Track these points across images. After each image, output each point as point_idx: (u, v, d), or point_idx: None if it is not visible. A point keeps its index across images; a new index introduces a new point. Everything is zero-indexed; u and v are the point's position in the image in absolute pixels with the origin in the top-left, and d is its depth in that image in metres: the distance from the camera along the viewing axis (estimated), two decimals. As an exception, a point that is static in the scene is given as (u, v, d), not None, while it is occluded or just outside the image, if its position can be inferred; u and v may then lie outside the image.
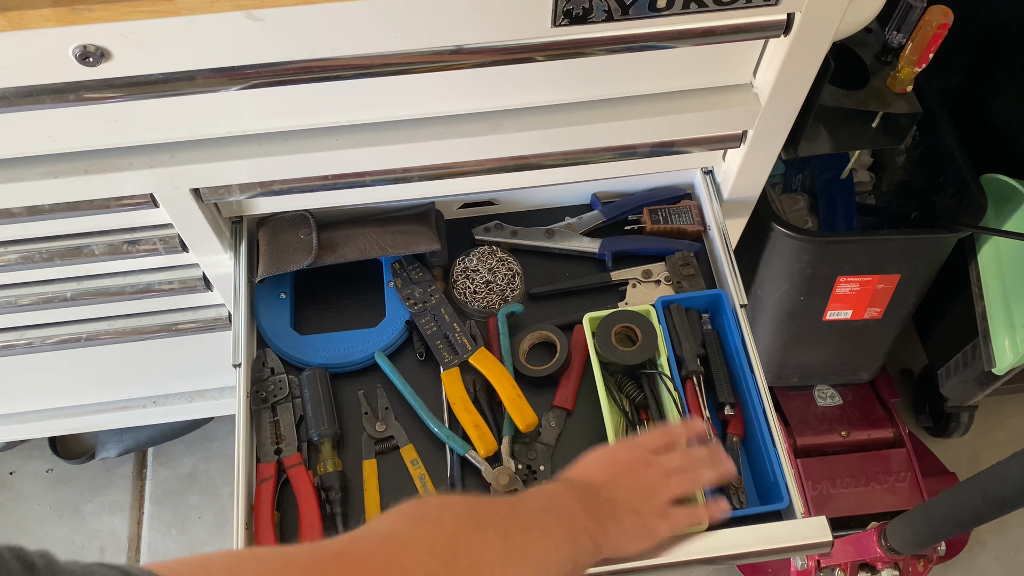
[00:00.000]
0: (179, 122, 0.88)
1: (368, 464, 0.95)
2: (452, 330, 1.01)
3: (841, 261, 1.32)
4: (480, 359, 0.99)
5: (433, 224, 1.08)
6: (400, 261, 1.07)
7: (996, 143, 1.42)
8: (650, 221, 1.10)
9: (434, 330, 1.02)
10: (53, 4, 0.69)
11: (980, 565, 1.66)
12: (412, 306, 1.03)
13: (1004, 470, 1.02)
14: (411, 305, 1.04)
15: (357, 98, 0.89)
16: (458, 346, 1.00)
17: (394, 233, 1.05)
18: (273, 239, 1.04)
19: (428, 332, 1.02)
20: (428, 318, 1.03)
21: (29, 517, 1.72)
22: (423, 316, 1.03)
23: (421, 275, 1.06)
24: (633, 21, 0.81)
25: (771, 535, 0.84)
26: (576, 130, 0.95)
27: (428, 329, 1.02)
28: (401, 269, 1.07)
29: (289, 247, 1.03)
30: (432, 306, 1.03)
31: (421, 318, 1.03)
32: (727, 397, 0.97)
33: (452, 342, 1.01)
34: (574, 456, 0.95)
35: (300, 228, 1.04)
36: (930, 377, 1.64)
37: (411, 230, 1.06)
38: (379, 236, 1.05)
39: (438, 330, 1.02)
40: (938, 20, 0.99)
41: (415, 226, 1.06)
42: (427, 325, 1.02)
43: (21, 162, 0.89)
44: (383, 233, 1.05)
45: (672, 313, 1.00)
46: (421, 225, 1.07)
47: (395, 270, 1.07)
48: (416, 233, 1.05)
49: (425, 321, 1.02)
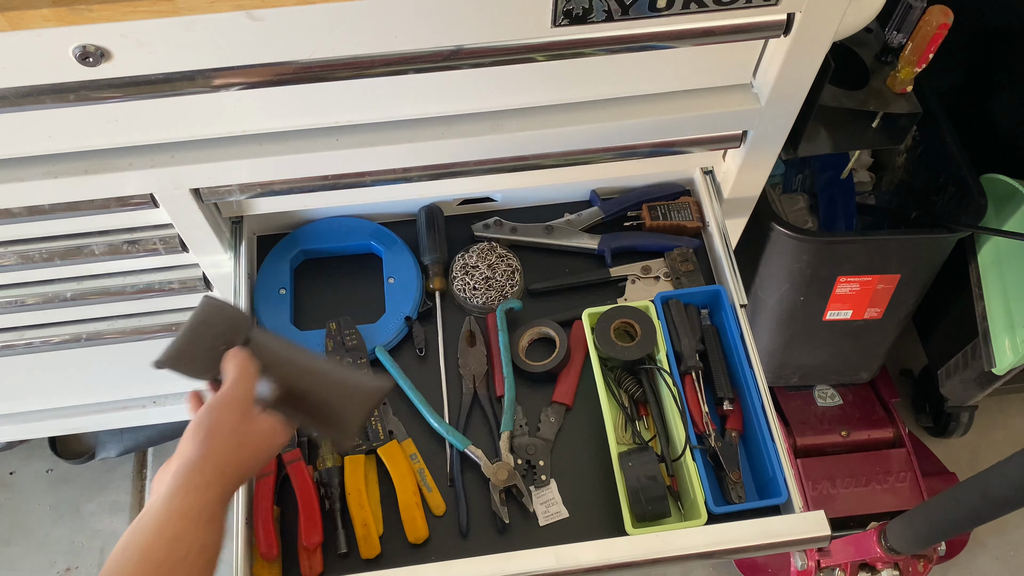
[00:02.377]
0: (179, 122, 0.88)
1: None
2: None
3: (841, 261, 1.32)
4: (389, 452, 0.94)
5: (365, 409, 0.79)
6: (337, 322, 1.01)
7: (996, 143, 1.42)
8: (649, 217, 1.10)
9: None
10: (53, 4, 0.69)
11: (980, 565, 1.66)
12: None
13: (1004, 470, 1.02)
14: None
15: (357, 98, 0.89)
16: (371, 431, 0.95)
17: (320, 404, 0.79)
18: (199, 327, 0.76)
19: None
20: None
21: (29, 517, 1.72)
22: None
23: (356, 343, 1.00)
24: (633, 21, 0.81)
25: (770, 529, 0.84)
26: (576, 130, 0.95)
27: None
28: (337, 331, 1.00)
29: (205, 348, 0.76)
30: None
31: None
32: (726, 392, 0.97)
33: (366, 426, 0.95)
34: (573, 451, 0.96)
35: (228, 336, 0.75)
36: (930, 377, 1.64)
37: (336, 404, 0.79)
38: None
39: None
40: (938, 20, 0.99)
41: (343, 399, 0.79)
42: None
43: (21, 162, 0.89)
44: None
45: (671, 309, 1.00)
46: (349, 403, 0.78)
47: (330, 331, 1.00)
48: (339, 411, 0.78)
49: None
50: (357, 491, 0.92)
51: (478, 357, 1.02)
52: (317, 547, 0.89)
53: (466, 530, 0.92)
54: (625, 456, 0.91)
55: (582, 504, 0.93)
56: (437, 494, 0.93)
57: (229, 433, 0.70)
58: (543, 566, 0.82)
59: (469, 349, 1.03)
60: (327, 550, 0.90)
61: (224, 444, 0.70)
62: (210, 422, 0.70)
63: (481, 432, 0.98)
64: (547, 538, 0.91)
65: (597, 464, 0.95)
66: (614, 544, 0.84)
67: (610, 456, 0.91)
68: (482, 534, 0.92)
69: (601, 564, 0.83)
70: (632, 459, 0.90)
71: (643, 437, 0.96)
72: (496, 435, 0.96)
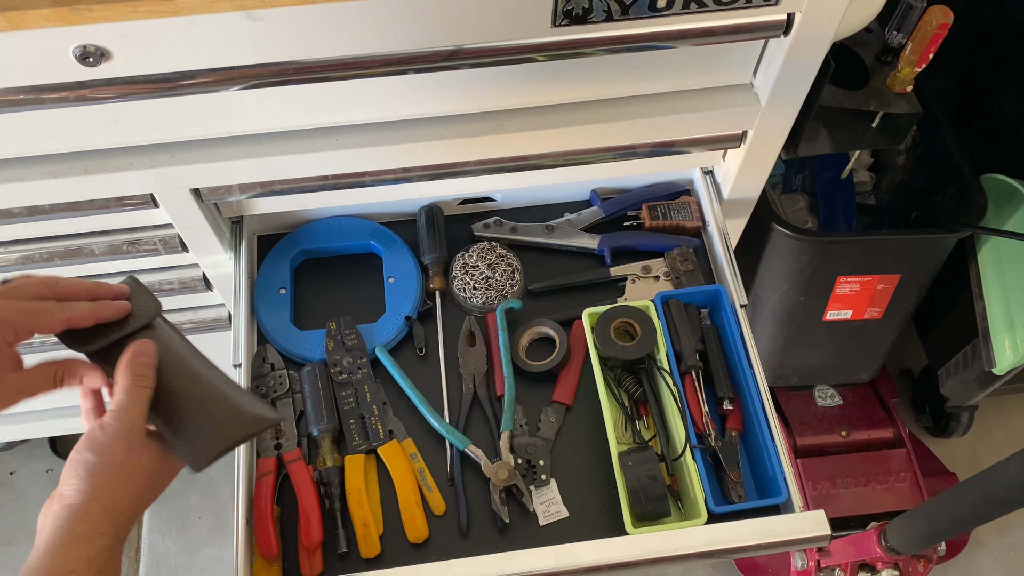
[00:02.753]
0: (179, 122, 0.88)
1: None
2: (370, 412, 0.95)
3: (841, 261, 1.32)
4: (389, 452, 0.94)
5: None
6: (337, 321, 1.00)
7: (996, 143, 1.42)
8: (649, 217, 1.11)
9: (351, 407, 0.95)
10: (53, 4, 0.69)
11: (980, 565, 1.66)
12: (337, 374, 0.97)
13: (1004, 470, 1.02)
14: (336, 373, 0.97)
15: (357, 98, 0.89)
16: (371, 431, 0.95)
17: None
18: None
19: (344, 408, 0.95)
20: (349, 391, 0.96)
21: (29, 517, 1.72)
22: (345, 388, 0.96)
23: (356, 343, 0.99)
24: (633, 21, 0.81)
25: (770, 529, 0.84)
26: (576, 130, 0.95)
27: (345, 404, 0.95)
28: (337, 330, 1.00)
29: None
30: (357, 380, 0.97)
31: (342, 390, 0.96)
32: (726, 392, 0.97)
33: (366, 425, 0.95)
34: (573, 451, 0.96)
35: (136, 312, 0.73)
36: (930, 377, 1.64)
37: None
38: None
39: (355, 408, 0.95)
40: (938, 20, 0.99)
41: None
42: (346, 399, 0.96)
43: (21, 162, 0.89)
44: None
45: (671, 308, 1.00)
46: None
47: (330, 331, 1.00)
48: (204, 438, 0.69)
49: (345, 395, 0.96)
50: (357, 490, 0.92)
51: (478, 357, 1.02)
52: (317, 547, 0.89)
53: (466, 530, 0.92)
54: (625, 456, 0.91)
55: (582, 503, 0.93)
56: (437, 494, 0.93)
57: (116, 468, 0.62)
58: (543, 565, 0.82)
59: (469, 349, 1.03)
60: (327, 549, 0.90)
61: (111, 483, 0.61)
62: (94, 459, 0.61)
63: (481, 432, 0.98)
64: (547, 537, 0.91)
65: (597, 464, 0.95)
66: (614, 543, 0.84)
67: (610, 456, 0.91)
68: (482, 534, 0.92)
69: (601, 563, 0.83)
70: (632, 459, 0.90)
71: (643, 437, 0.96)
72: (496, 435, 0.96)
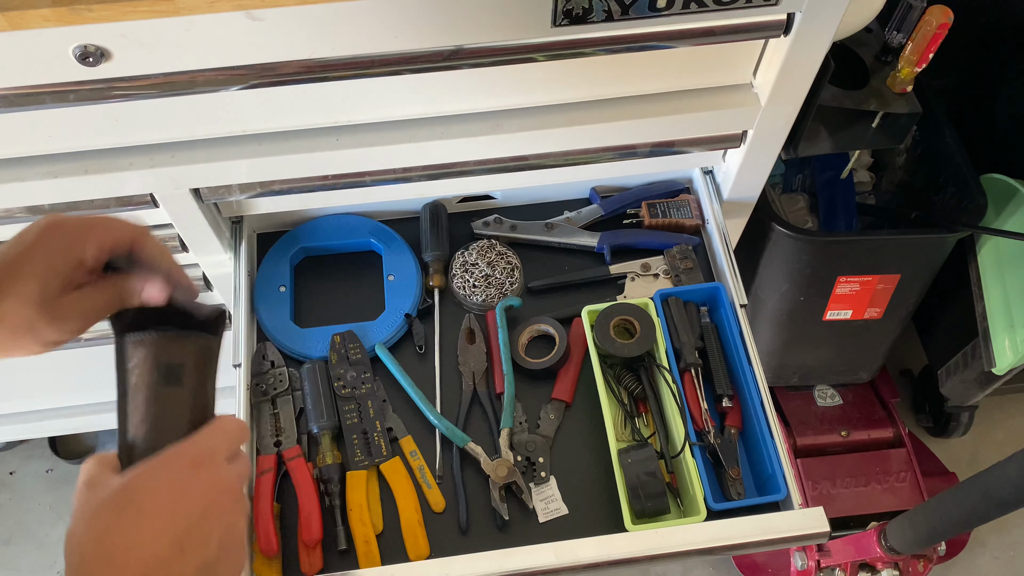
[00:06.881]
0: (179, 122, 0.88)
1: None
2: (373, 427, 0.95)
3: (841, 261, 1.32)
4: (391, 469, 0.93)
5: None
6: (342, 334, 1.00)
7: (996, 143, 1.42)
8: (648, 215, 1.11)
9: (354, 422, 0.95)
10: (53, 4, 0.69)
11: (980, 565, 1.66)
12: (341, 388, 0.96)
13: (1004, 470, 1.02)
14: (340, 387, 0.97)
15: (357, 98, 0.89)
16: (374, 447, 0.94)
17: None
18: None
19: (347, 423, 0.95)
20: (352, 406, 0.96)
21: (29, 517, 1.72)
22: (348, 403, 0.96)
23: (359, 356, 0.99)
24: (633, 21, 0.81)
25: (769, 526, 0.85)
26: (576, 130, 0.95)
27: (348, 419, 0.95)
28: (341, 343, 0.99)
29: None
30: (360, 395, 0.96)
31: (345, 404, 0.96)
32: (725, 389, 0.97)
33: (369, 441, 0.94)
34: (573, 448, 0.96)
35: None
36: (930, 377, 1.64)
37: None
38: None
39: (358, 423, 0.95)
40: (938, 20, 0.99)
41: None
42: (349, 414, 0.95)
43: (21, 162, 0.89)
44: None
45: (670, 306, 1.00)
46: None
47: (334, 344, 0.99)
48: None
49: (348, 409, 0.96)
50: (359, 507, 0.91)
51: (478, 354, 1.02)
52: (317, 544, 0.89)
53: (466, 527, 0.92)
54: (624, 453, 0.91)
55: (582, 501, 0.93)
56: (437, 491, 0.93)
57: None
58: (543, 562, 0.83)
59: (469, 346, 1.03)
60: (327, 547, 0.90)
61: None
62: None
63: (481, 429, 0.98)
64: (546, 534, 0.91)
65: (596, 461, 0.95)
66: (613, 540, 0.84)
67: (609, 453, 0.91)
68: (482, 531, 0.92)
69: (600, 560, 0.83)
70: (631, 456, 0.90)
71: (642, 434, 0.97)
72: (496, 432, 0.96)
